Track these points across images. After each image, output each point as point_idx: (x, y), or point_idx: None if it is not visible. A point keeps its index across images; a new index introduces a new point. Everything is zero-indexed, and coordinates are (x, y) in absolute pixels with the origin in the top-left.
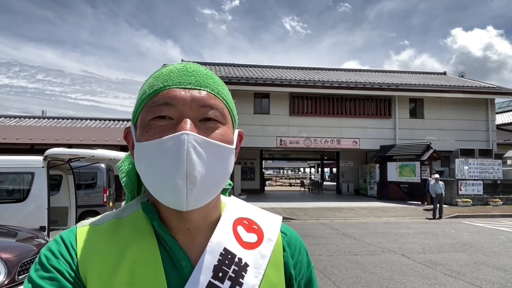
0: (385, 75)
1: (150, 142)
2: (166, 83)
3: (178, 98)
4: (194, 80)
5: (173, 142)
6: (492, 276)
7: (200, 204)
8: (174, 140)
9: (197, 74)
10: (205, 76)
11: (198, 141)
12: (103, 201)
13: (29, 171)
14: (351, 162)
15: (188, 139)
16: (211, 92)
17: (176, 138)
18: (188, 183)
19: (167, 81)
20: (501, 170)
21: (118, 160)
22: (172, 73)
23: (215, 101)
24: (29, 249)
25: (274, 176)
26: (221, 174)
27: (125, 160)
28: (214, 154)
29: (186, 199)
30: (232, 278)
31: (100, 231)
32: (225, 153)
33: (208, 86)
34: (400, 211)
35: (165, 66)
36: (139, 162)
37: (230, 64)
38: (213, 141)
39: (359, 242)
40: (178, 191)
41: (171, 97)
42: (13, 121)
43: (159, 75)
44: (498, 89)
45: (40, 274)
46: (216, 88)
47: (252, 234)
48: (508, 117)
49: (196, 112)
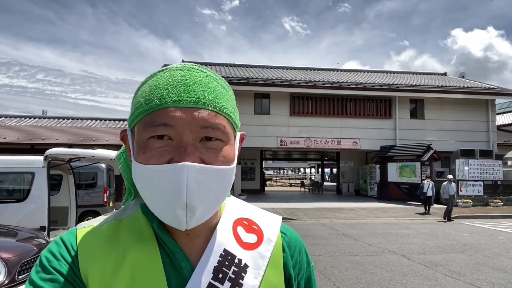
0: (386, 75)
1: (149, 166)
2: (164, 101)
3: (177, 120)
4: (194, 96)
5: (173, 174)
6: (492, 277)
7: (200, 223)
8: (174, 172)
9: (198, 88)
10: (206, 89)
11: (199, 170)
12: (103, 201)
13: (30, 171)
14: (351, 163)
15: (188, 172)
16: (212, 110)
17: (175, 171)
18: (188, 212)
19: (165, 97)
20: (502, 171)
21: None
22: (170, 87)
23: (217, 120)
24: (29, 249)
25: (275, 176)
26: (221, 194)
27: (124, 151)
28: (215, 178)
29: (186, 224)
30: (232, 279)
31: (100, 232)
32: (226, 175)
33: (210, 103)
34: (400, 212)
35: (164, 69)
36: (137, 181)
37: (230, 64)
38: (214, 167)
39: (359, 243)
40: (177, 218)
41: (170, 117)
42: (14, 121)
43: (156, 88)
44: (498, 90)
45: (41, 276)
46: (218, 104)
47: (252, 235)
48: (509, 118)
49: (197, 133)
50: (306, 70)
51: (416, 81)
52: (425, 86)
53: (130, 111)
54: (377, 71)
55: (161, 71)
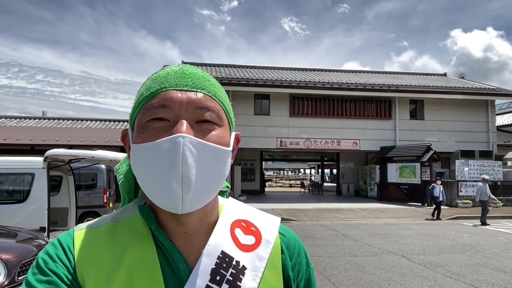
0: (385, 76)
1: (146, 144)
2: (163, 85)
3: (175, 100)
4: (191, 82)
5: (169, 145)
6: (492, 277)
7: (196, 207)
8: (170, 142)
9: (194, 76)
10: (202, 78)
11: (194, 143)
12: (103, 202)
13: (29, 172)
14: (351, 163)
15: (184, 142)
16: (207, 94)
17: (171, 141)
18: (184, 186)
19: (164, 83)
20: (501, 172)
21: (118, 161)
22: (169, 75)
23: (211, 103)
24: (29, 250)
25: (274, 177)
26: (217, 176)
27: (123, 162)
28: (210, 156)
29: (182, 202)
30: (230, 282)
31: (97, 234)
32: (221, 155)
33: (205, 88)
34: (400, 212)
35: (164, 68)
36: (135, 164)
37: (230, 65)
38: (209, 143)
39: (359, 243)
40: (173, 194)
41: (168, 99)
42: (14, 122)
43: (156, 77)
44: (498, 91)
45: (38, 278)
46: (212, 90)
47: (250, 236)
48: (508, 119)
49: (193, 114)
50: (305, 71)
51: (416, 82)
52: (425, 86)
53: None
54: (377, 71)
55: (161, 70)
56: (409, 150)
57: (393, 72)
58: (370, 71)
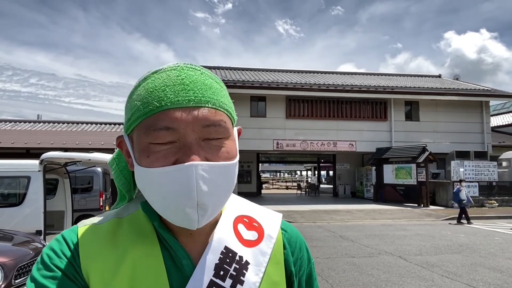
0: (381, 78)
1: (155, 169)
2: (163, 102)
3: (179, 121)
4: (193, 95)
5: (181, 174)
6: (488, 277)
7: (210, 219)
8: (183, 172)
9: (195, 87)
10: (204, 87)
11: (206, 169)
12: (99, 205)
13: (25, 175)
14: (348, 165)
15: (196, 171)
16: (212, 107)
17: (183, 170)
18: (199, 210)
19: (163, 99)
20: (497, 172)
21: None
22: (167, 88)
23: (217, 117)
24: (26, 253)
25: (271, 179)
26: (228, 189)
27: (116, 157)
28: (221, 174)
29: (198, 223)
30: (234, 276)
31: (101, 230)
32: (230, 169)
33: (209, 100)
34: (396, 213)
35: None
36: (143, 186)
37: (226, 67)
38: (220, 163)
39: (356, 244)
40: (189, 218)
41: (172, 120)
42: (9, 125)
43: (153, 90)
44: (492, 92)
45: (43, 273)
46: (217, 101)
47: (253, 232)
48: (503, 119)
49: (200, 133)
50: (301, 72)
51: (411, 83)
52: (420, 88)
53: (125, 116)
54: (373, 73)
55: (154, 72)
56: (404, 151)
57: (388, 74)
58: (365, 73)
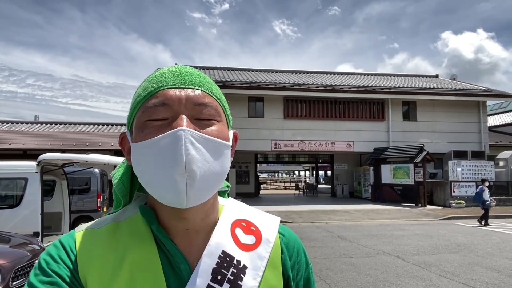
0: (378, 78)
1: (146, 141)
2: (160, 84)
3: (174, 98)
4: (188, 80)
5: (171, 139)
6: (486, 276)
7: (200, 200)
8: (171, 136)
9: (190, 75)
10: (198, 76)
11: (196, 136)
12: (97, 206)
13: (23, 176)
14: (346, 165)
15: (185, 135)
16: (205, 91)
17: (173, 135)
18: (188, 179)
19: (161, 82)
20: (494, 172)
21: (112, 165)
22: (165, 75)
23: (209, 99)
24: (23, 255)
25: (269, 180)
26: (219, 170)
27: (120, 167)
28: (212, 150)
29: (186, 196)
30: (231, 281)
31: (99, 235)
32: (222, 149)
33: (202, 85)
34: (394, 213)
35: (159, 69)
36: (137, 164)
37: (223, 68)
38: (210, 137)
39: (354, 245)
40: (177, 187)
41: (167, 97)
42: (6, 127)
43: (153, 78)
44: (489, 91)
45: (40, 279)
46: (209, 87)
47: (250, 236)
48: (500, 119)
49: (191, 111)
50: (299, 73)
51: (409, 84)
52: (417, 88)
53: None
54: (370, 74)
55: (156, 71)
56: (402, 151)
57: (386, 74)
58: (363, 73)
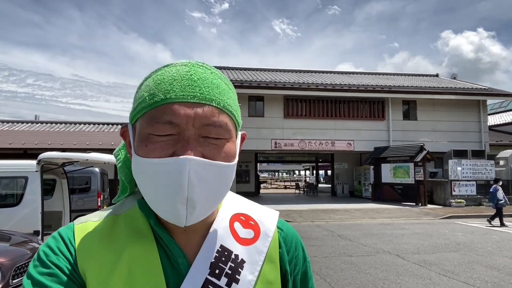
0: (378, 77)
1: (150, 160)
2: (168, 95)
3: (182, 116)
4: (199, 92)
5: (175, 167)
6: (485, 275)
7: (199, 220)
8: (176, 164)
9: (203, 84)
10: (211, 85)
11: (201, 164)
12: (97, 205)
13: (23, 175)
14: (346, 164)
15: (190, 165)
16: (216, 106)
17: (178, 163)
18: (188, 207)
19: (169, 92)
20: (494, 171)
21: (112, 164)
22: (175, 82)
23: (219, 118)
24: (23, 253)
25: (269, 179)
26: (221, 191)
27: (122, 148)
28: (215, 174)
29: (186, 220)
30: (229, 275)
31: (97, 227)
32: (227, 171)
33: (214, 99)
34: (394, 212)
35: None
36: (137, 175)
37: (224, 67)
38: (216, 162)
39: (354, 244)
40: (177, 213)
41: (175, 115)
42: (6, 126)
43: (161, 82)
44: (489, 91)
45: (39, 270)
46: (222, 101)
47: (249, 230)
48: (500, 118)
49: (199, 130)
50: (299, 72)
51: (409, 83)
52: (418, 87)
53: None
54: (370, 73)
55: (166, 66)
56: (402, 150)
57: (386, 73)
58: (363, 72)
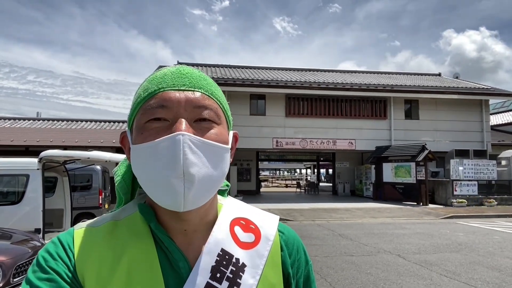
0: (381, 76)
1: (145, 144)
2: (160, 86)
3: (173, 100)
4: (188, 81)
5: (169, 143)
6: (487, 276)
7: (197, 204)
8: (170, 140)
9: (191, 76)
10: (198, 77)
11: (194, 141)
12: (98, 203)
13: (24, 173)
14: (347, 163)
15: (183, 139)
16: (205, 93)
17: (171, 139)
18: (186, 183)
19: (161, 83)
20: (496, 171)
21: (113, 162)
22: (166, 76)
23: (209, 102)
24: (24, 252)
25: (270, 177)
26: (217, 173)
27: (121, 164)
28: (210, 154)
29: (184, 199)
30: (230, 279)
31: (97, 233)
32: (220, 153)
33: (202, 87)
34: (395, 212)
35: (160, 69)
36: (136, 165)
37: (225, 65)
38: (209, 141)
39: (355, 243)
40: (175, 191)
41: (166, 99)
42: (8, 123)
43: (153, 79)
44: (492, 90)
45: (38, 276)
46: (210, 89)
47: (250, 234)
48: (503, 118)
49: (191, 113)
50: (301, 71)
51: (411, 82)
52: (420, 86)
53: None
54: (372, 72)
55: (157, 71)
56: (404, 149)
57: (388, 72)
58: (365, 71)
